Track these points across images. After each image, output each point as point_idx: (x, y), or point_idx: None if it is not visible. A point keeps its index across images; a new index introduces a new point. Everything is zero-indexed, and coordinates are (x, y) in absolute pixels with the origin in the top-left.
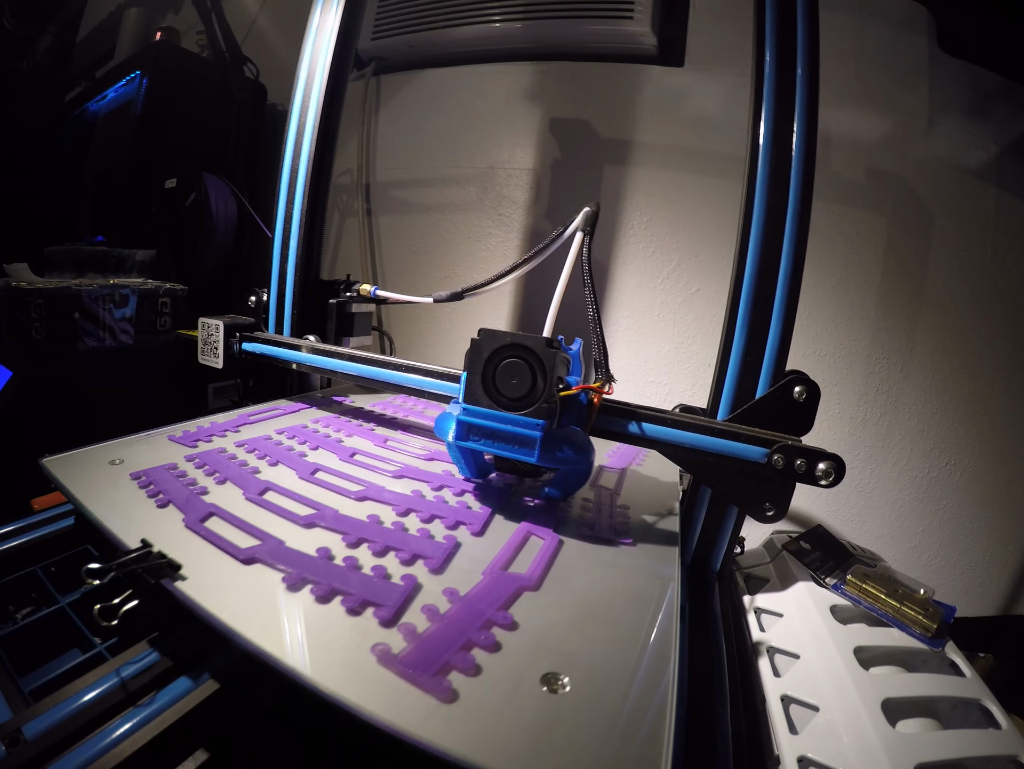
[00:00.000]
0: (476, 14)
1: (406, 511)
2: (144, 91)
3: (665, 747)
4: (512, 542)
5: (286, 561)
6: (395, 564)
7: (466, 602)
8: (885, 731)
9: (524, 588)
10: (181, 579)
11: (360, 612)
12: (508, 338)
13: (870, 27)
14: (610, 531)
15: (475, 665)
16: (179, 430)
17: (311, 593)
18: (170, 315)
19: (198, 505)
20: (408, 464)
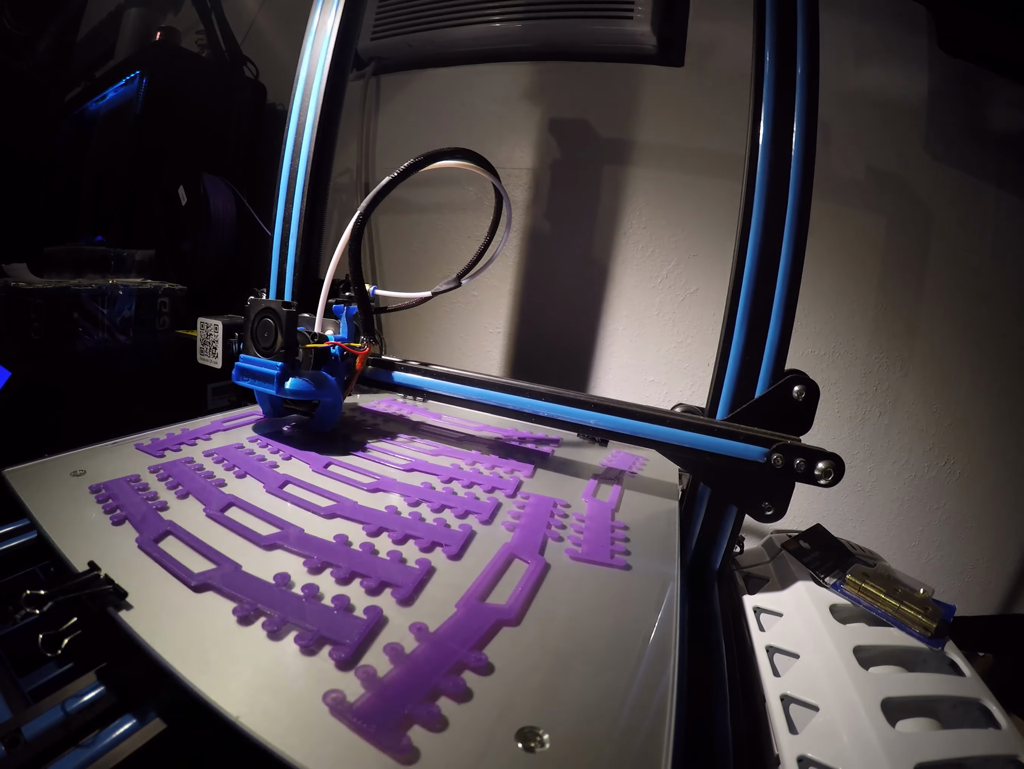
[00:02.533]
0: (476, 14)
1: (378, 530)
2: (144, 91)
3: (665, 747)
4: (492, 567)
5: (240, 588)
6: (359, 593)
7: (435, 641)
8: (885, 731)
9: (503, 622)
10: (127, 607)
11: (315, 651)
12: (263, 303)
13: (870, 27)
14: (602, 553)
15: (440, 718)
16: (148, 438)
17: (263, 628)
18: (169, 315)
19: (154, 522)
20: (385, 476)
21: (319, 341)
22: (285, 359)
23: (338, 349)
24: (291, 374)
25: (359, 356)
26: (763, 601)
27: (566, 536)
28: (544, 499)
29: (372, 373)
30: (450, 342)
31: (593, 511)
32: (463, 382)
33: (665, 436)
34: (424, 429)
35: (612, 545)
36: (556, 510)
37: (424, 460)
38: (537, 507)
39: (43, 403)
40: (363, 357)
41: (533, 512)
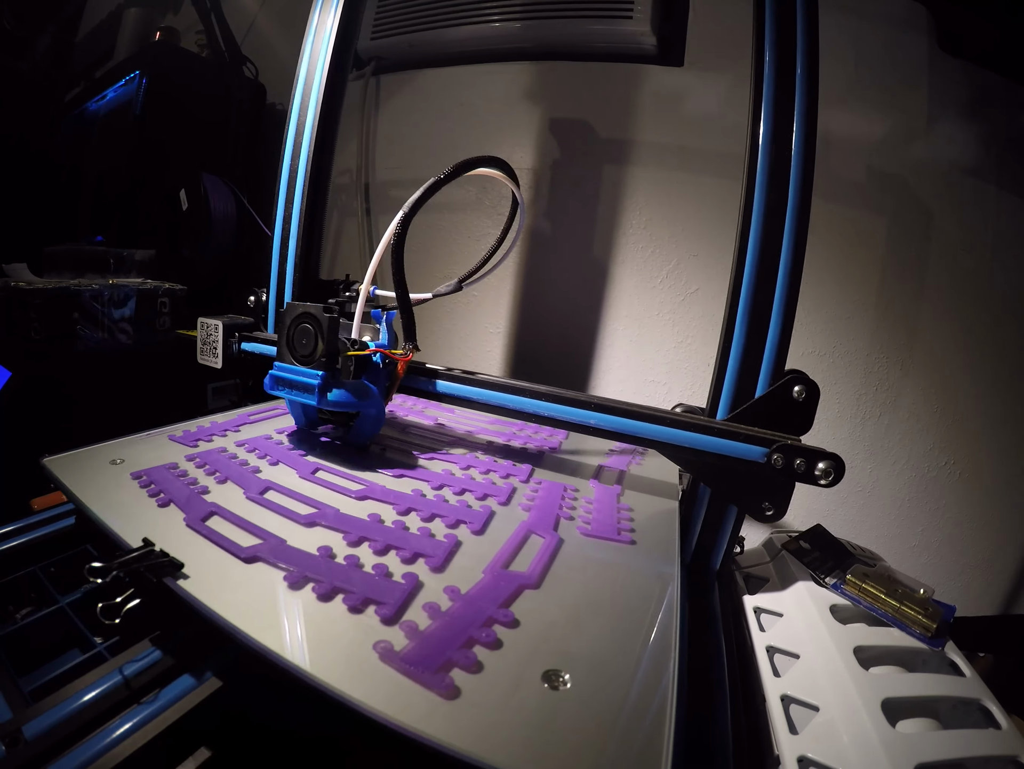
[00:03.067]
0: (476, 14)
1: (407, 510)
2: (143, 91)
3: (665, 747)
4: (512, 541)
5: (288, 560)
6: (396, 563)
7: (467, 600)
8: (885, 731)
9: (525, 586)
10: (183, 577)
11: (362, 610)
12: (300, 308)
13: (870, 27)
14: (610, 530)
15: (477, 662)
16: (179, 430)
17: (313, 591)
18: (169, 315)
19: (199, 504)
20: (408, 464)
21: (360, 348)
22: (326, 368)
23: (380, 356)
24: (333, 384)
25: (400, 363)
26: (763, 601)
27: (577, 515)
28: (555, 484)
29: (411, 380)
30: (450, 342)
31: (600, 494)
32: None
33: (665, 436)
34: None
35: (619, 523)
36: (567, 493)
37: (444, 450)
38: (549, 491)
39: (43, 403)
40: (405, 364)
41: (546, 495)
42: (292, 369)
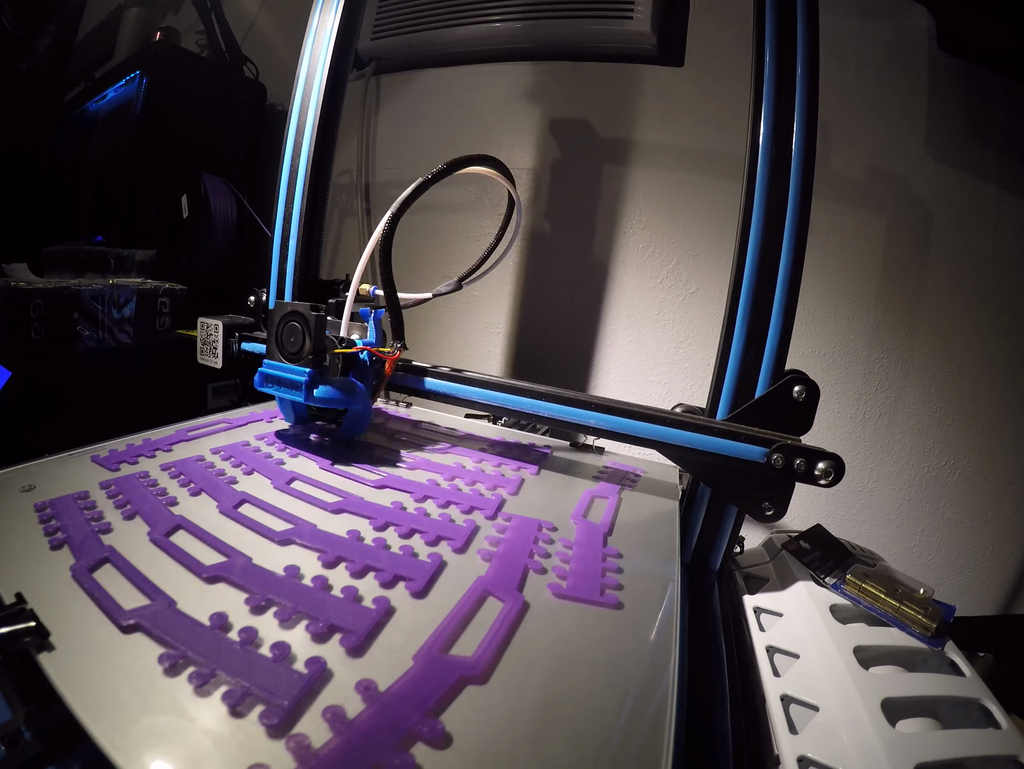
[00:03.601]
0: (476, 14)
1: (335, 560)
2: (144, 91)
3: (665, 747)
4: (461, 607)
5: (172, 631)
6: (303, 640)
7: (384, 704)
8: (885, 731)
9: (468, 679)
10: (48, 649)
11: (244, 713)
12: (289, 306)
13: (870, 27)
14: (591, 588)
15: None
16: (105, 449)
17: (190, 681)
18: (169, 315)
19: (93, 548)
20: (352, 494)
21: (347, 346)
22: (313, 365)
23: (367, 354)
24: (320, 381)
25: (388, 361)
26: (763, 601)
27: (550, 567)
28: (528, 521)
29: (400, 379)
30: (450, 342)
31: (583, 536)
32: (488, 387)
33: (665, 436)
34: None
35: (603, 578)
36: (541, 535)
37: (399, 475)
38: (519, 532)
39: (43, 403)
40: (393, 362)
41: (514, 537)
42: (280, 366)
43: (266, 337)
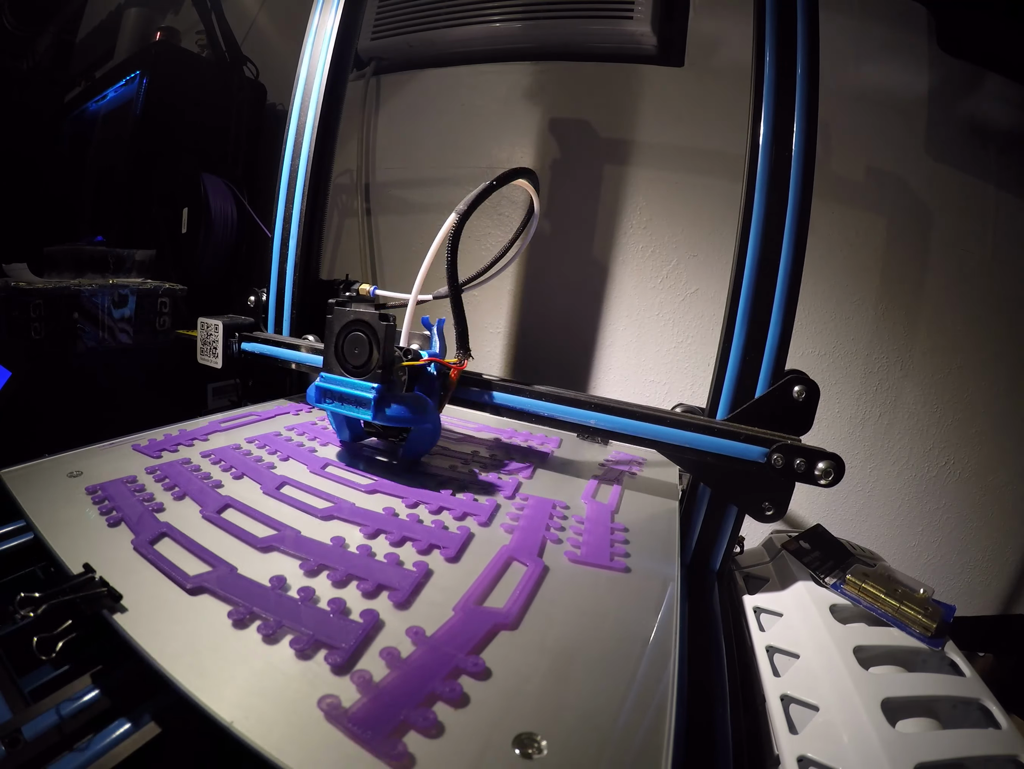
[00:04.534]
0: (476, 14)
1: (375, 532)
2: (144, 91)
3: (665, 747)
4: (490, 570)
5: (235, 592)
6: (356, 596)
7: (432, 645)
8: (885, 731)
9: (500, 626)
10: (121, 610)
11: (311, 655)
12: (352, 315)
13: (870, 27)
14: (602, 555)
15: (437, 724)
16: (145, 439)
17: (258, 631)
18: (169, 315)
19: (151, 524)
20: (382, 477)
21: (413, 358)
22: (382, 380)
23: (435, 366)
24: (390, 397)
25: (454, 371)
26: (763, 601)
27: (565, 538)
28: (543, 501)
29: (463, 392)
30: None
31: (592, 513)
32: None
33: (665, 436)
34: None
35: (612, 547)
36: (555, 512)
37: (426, 460)
38: (536, 509)
39: (43, 403)
40: (458, 373)
41: (532, 514)
42: (343, 381)
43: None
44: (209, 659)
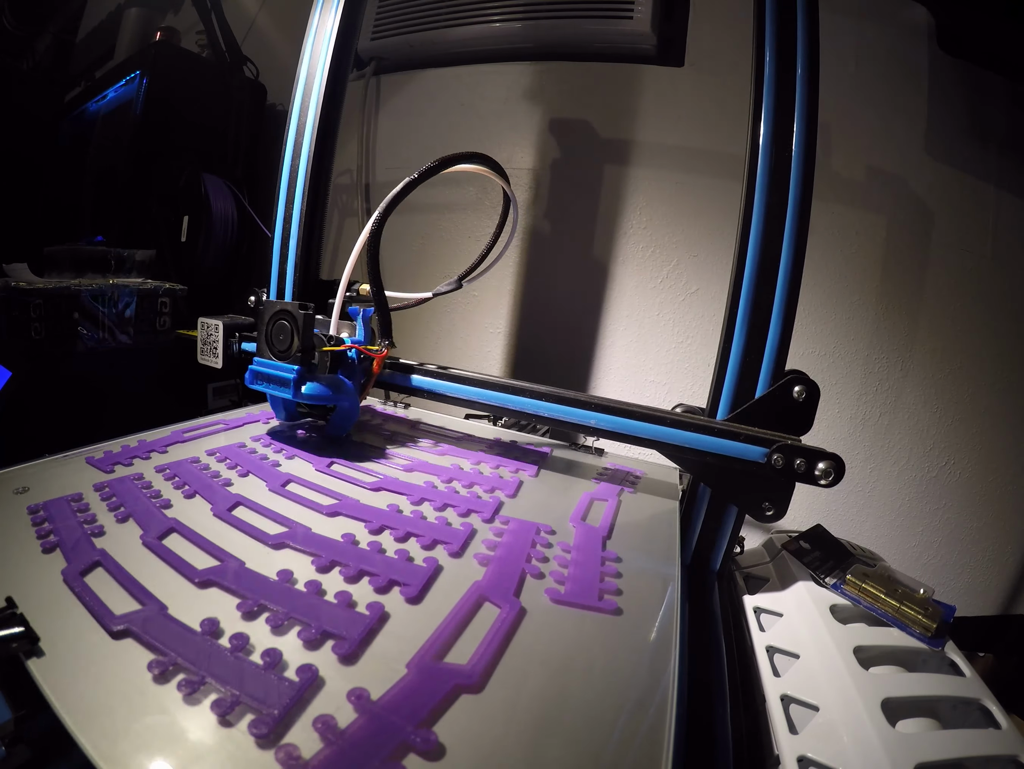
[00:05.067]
0: (476, 14)
1: (329, 564)
2: (144, 91)
3: (665, 747)
4: (457, 613)
5: (162, 636)
6: (295, 647)
7: (376, 713)
8: (885, 731)
9: (462, 688)
10: (38, 654)
11: (234, 722)
12: (278, 305)
13: (870, 27)
14: (589, 593)
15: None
16: (100, 450)
17: (179, 689)
18: (169, 315)
19: (86, 551)
20: (347, 496)
21: (336, 344)
22: (302, 362)
23: (355, 352)
24: (308, 378)
25: (376, 359)
26: (763, 601)
27: (548, 571)
28: (525, 524)
29: (389, 376)
30: (450, 342)
31: (581, 540)
32: (485, 386)
33: (665, 436)
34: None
35: (601, 583)
36: (539, 538)
37: (395, 477)
38: (517, 535)
39: (43, 403)
40: (381, 360)
41: (512, 541)
42: (270, 364)
43: (256, 336)
44: (123, 719)
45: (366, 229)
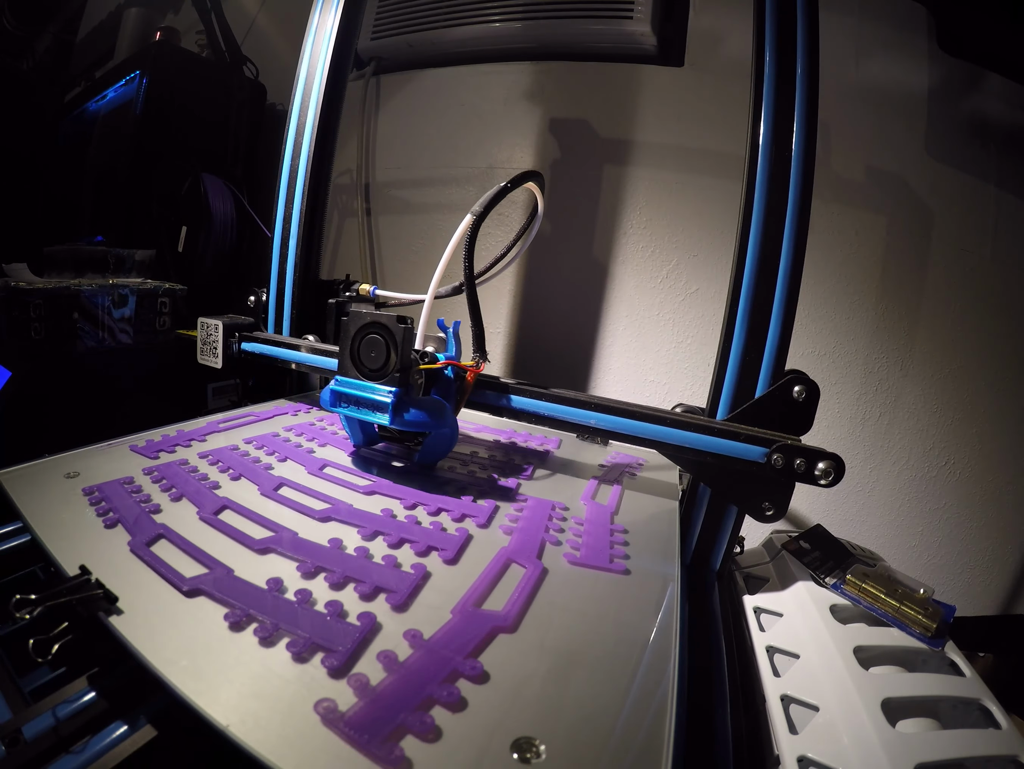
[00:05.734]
0: (476, 14)
1: (373, 533)
2: (144, 91)
3: (665, 747)
4: (489, 572)
5: (232, 593)
6: (353, 599)
7: (429, 648)
8: (885, 731)
9: (499, 629)
10: (117, 613)
11: (307, 658)
12: (368, 317)
13: (870, 27)
14: (601, 557)
15: (434, 728)
16: (142, 440)
17: (255, 634)
18: (169, 315)
19: (147, 526)
20: (381, 478)
21: (430, 361)
22: (401, 384)
23: (451, 369)
24: (408, 401)
25: (470, 375)
26: (763, 601)
27: (564, 540)
28: (542, 502)
29: (479, 396)
30: None
31: (592, 514)
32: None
33: (665, 436)
34: None
35: (611, 549)
36: (554, 513)
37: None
38: (535, 510)
39: (43, 403)
40: (474, 376)
41: (531, 516)
42: (359, 385)
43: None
44: (205, 662)
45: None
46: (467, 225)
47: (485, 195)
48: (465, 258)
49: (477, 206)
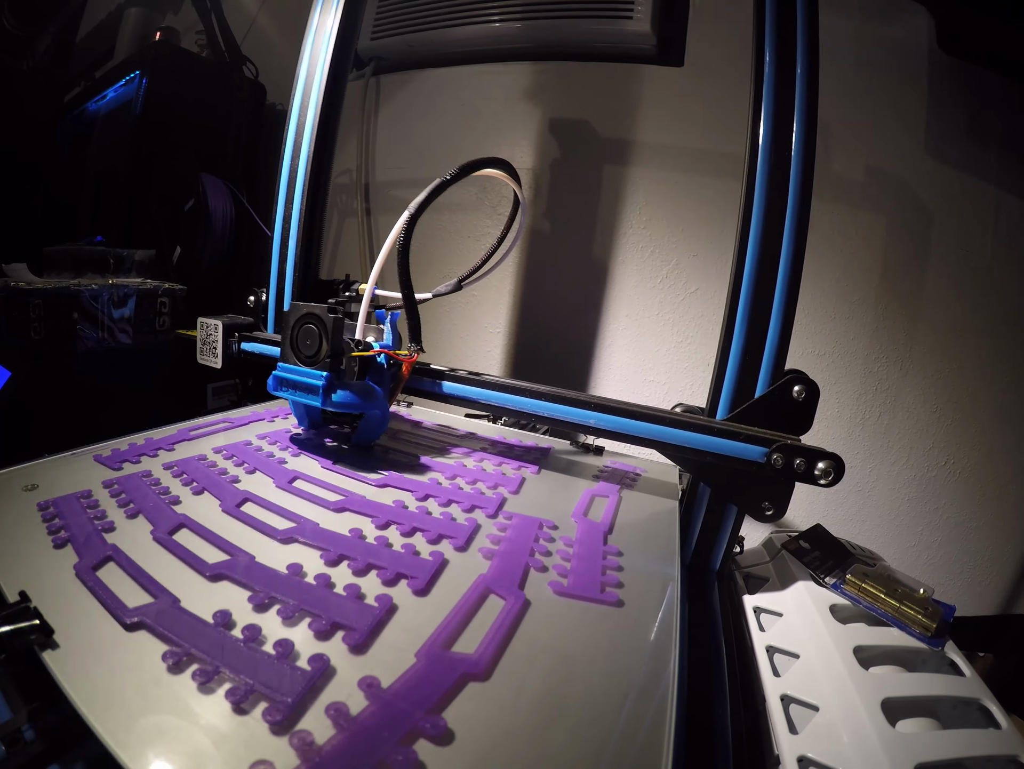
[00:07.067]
0: (476, 14)
1: (337, 558)
2: (144, 91)
3: (665, 747)
4: (463, 605)
5: (174, 628)
6: (306, 637)
7: (386, 701)
8: (885, 731)
9: (469, 676)
10: (53, 646)
11: (248, 710)
12: (304, 309)
13: (870, 27)
14: (592, 586)
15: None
16: (108, 448)
17: (193, 678)
18: (169, 315)
19: (97, 546)
20: (354, 492)
21: (364, 349)
22: (331, 369)
23: (384, 357)
24: (338, 385)
25: (405, 364)
26: (763, 601)
27: (551, 565)
28: (528, 520)
29: (416, 382)
30: (450, 342)
31: (583, 534)
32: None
33: (665, 436)
34: (406, 437)
35: (603, 576)
36: (541, 533)
37: (400, 474)
38: (520, 530)
39: (43, 403)
40: (410, 365)
41: (515, 536)
42: (296, 370)
43: (277, 339)
44: (138, 708)
45: (395, 230)
46: (402, 224)
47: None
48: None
49: (412, 205)
